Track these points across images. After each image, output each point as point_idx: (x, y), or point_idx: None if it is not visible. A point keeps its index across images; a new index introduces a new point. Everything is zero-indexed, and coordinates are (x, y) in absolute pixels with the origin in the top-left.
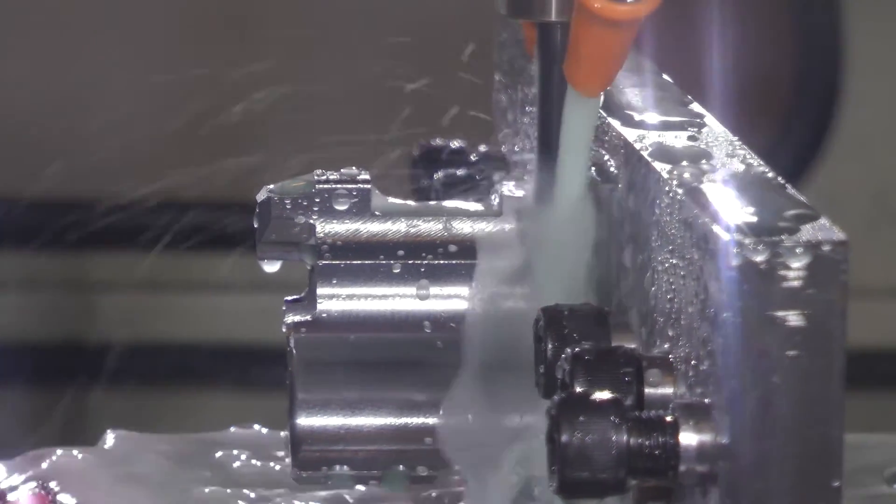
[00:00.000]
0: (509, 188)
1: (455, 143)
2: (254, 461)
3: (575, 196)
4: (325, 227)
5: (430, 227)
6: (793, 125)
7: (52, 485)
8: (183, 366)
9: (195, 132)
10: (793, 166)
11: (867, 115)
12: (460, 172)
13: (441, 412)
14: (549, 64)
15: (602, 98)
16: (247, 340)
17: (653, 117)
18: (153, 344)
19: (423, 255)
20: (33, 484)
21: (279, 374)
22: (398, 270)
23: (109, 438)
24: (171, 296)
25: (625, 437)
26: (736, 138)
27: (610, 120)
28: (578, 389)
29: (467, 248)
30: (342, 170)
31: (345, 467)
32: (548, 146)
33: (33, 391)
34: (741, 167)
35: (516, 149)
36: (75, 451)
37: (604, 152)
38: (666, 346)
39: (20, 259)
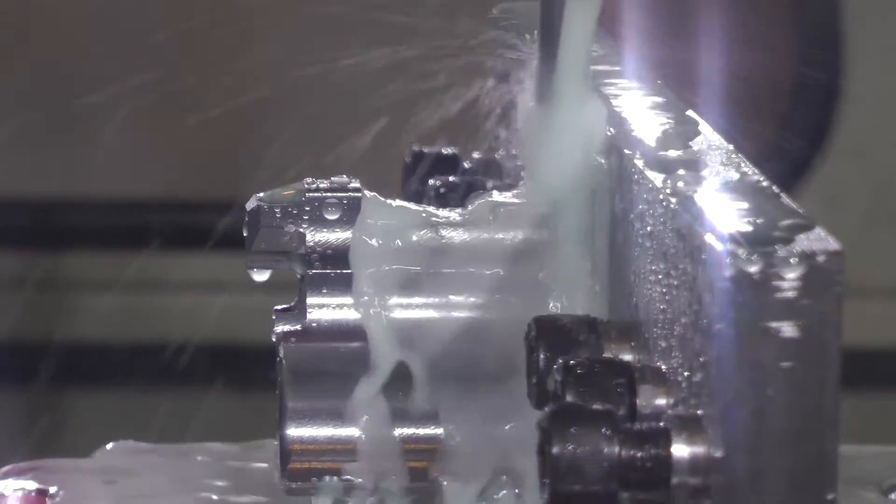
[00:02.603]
0: (502, 196)
1: (447, 150)
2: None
3: (576, 95)
4: (315, 236)
5: (420, 235)
6: (793, 125)
7: (51, 490)
8: (178, 366)
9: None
10: (793, 166)
11: (867, 115)
12: (453, 179)
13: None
14: None
15: None
16: (246, 340)
17: (647, 125)
18: (152, 344)
19: (414, 263)
20: (30, 486)
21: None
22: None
23: (107, 448)
24: (170, 296)
25: (617, 450)
26: (731, 146)
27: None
28: (570, 400)
29: (457, 257)
30: (332, 178)
31: (334, 478)
32: (550, 46)
33: (29, 391)
34: (736, 176)
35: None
36: (70, 461)
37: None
38: (659, 357)
39: (16, 259)
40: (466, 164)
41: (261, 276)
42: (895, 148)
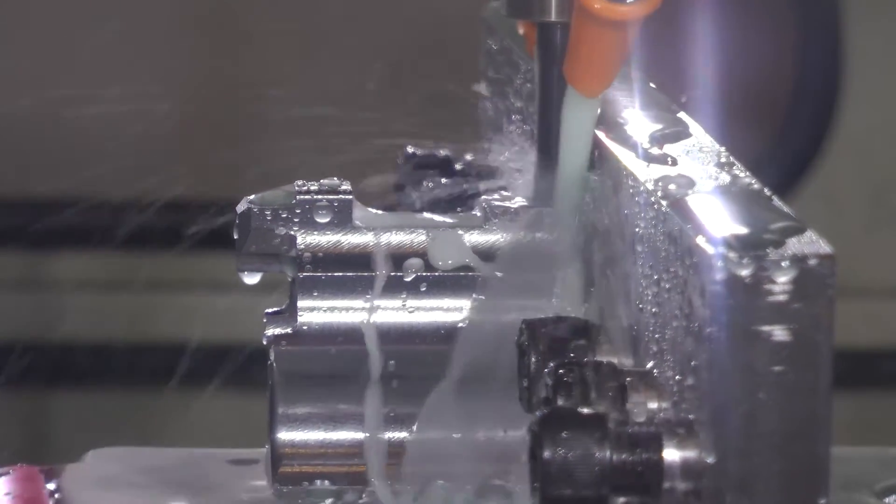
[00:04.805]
0: (494, 199)
1: (441, 152)
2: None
3: (574, 195)
4: (306, 239)
5: (411, 238)
6: (793, 125)
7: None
8: (181, 366)
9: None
10: (792, 167)
11: (867, 115)
12: (446, 181)
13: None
14: (548, 64)
15: (601, 98)
16: (246, 340)
17: (639, 127)
18: (153, 344)
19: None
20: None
21: None
22: (379, 283)
23: (91, 456)
24: (170, 296)
25: (608, 454)
26: (723, 149)
27: (596, 131)
28: (561, 405)
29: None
30: (323, 181)
31: (325, 482)
32: (547, 146)
33: (28, 391)
34: (727, 178)
35: (504, 157)
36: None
37: None
38: (650, 361)
39: (16, 259)
40: (458, 166)
41: (251, 278)
42: (895, 148)
